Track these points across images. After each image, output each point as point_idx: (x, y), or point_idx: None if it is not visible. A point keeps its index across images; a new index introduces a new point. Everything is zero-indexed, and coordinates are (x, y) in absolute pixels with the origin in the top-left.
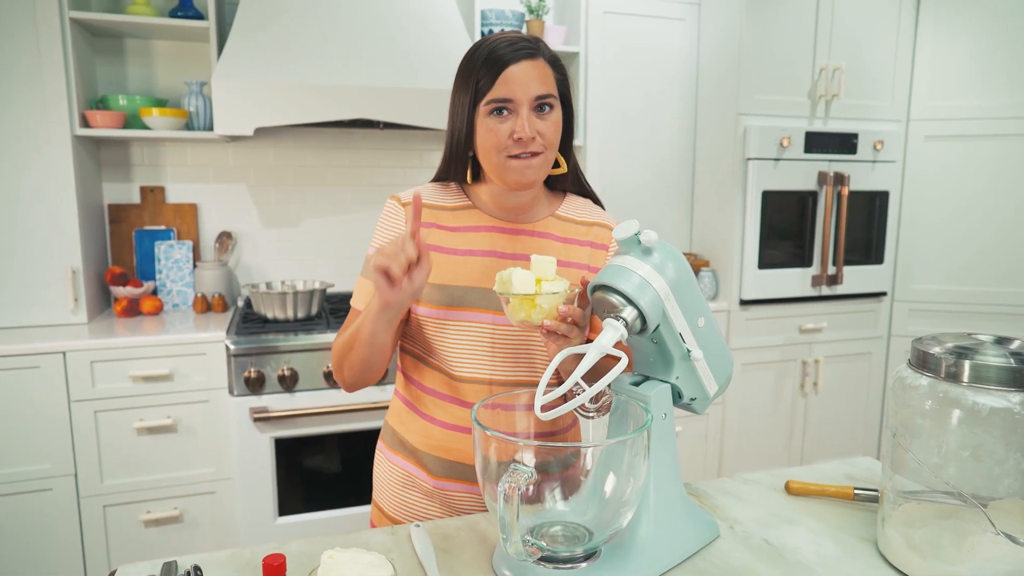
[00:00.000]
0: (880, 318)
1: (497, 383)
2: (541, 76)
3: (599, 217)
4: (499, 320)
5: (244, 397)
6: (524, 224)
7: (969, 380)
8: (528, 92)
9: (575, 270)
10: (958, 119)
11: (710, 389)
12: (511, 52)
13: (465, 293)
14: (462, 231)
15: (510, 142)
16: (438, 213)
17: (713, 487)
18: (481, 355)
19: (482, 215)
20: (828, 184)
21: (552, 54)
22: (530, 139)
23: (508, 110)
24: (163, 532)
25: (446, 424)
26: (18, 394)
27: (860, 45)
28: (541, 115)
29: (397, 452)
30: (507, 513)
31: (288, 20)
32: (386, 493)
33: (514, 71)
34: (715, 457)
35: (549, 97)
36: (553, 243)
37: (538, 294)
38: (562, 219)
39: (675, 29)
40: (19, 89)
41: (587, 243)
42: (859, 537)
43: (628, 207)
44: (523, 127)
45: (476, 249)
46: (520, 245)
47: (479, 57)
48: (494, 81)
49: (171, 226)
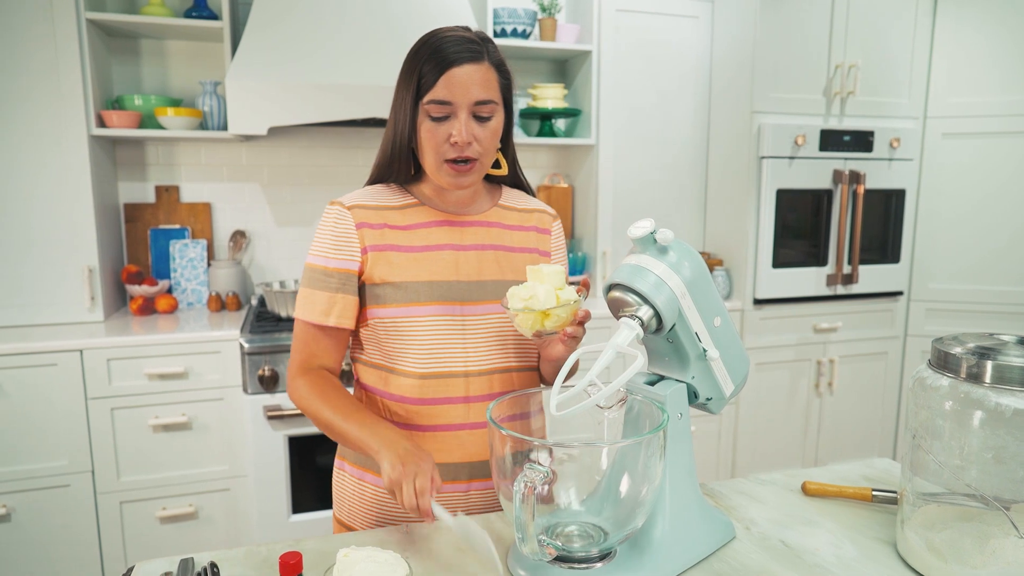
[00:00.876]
0: (896, 318)
1: (473, 374)
2: (484, 80)
3: (537, 204)
4: (467, 311)
5: (258, 395)
6: (472, 215)
7: (991, 381)
8: (468, 96)
9: (526, 255)
10: (976, 116)
11: (726, 389)
12: (456, 53)
13: (430, 288)
14: (414, 228)
15: (447, 145)
16: (387, 213)
17: (729, 487)
18: (453, 348)
19: (430, 210)
20: (844, 182)
21: (498, 58)
22: (466, 144)
23: (447, 114)
24: (178, 529)
25: (421, 427)
26: (36, 391)
27: (876, 41)
28: (480, 122)
29: (366, 468)
30: (523, 513)
31: (301, 19)
32: (357, 511)
33: (456, 73)
34: (728, 457)
35: (490, 104)
36: (502, 231)
37: (560, 305)
38: (505, 208)
39: (688, 26)
40: (36, 89)
41: (531, 228)
42: (877, 539)
43: (640, 205)
44: (460, 132)
45: (433, 244)
46: (473, 236)
47: (423, 53)
48: (436, 80)
49: (186, 225)
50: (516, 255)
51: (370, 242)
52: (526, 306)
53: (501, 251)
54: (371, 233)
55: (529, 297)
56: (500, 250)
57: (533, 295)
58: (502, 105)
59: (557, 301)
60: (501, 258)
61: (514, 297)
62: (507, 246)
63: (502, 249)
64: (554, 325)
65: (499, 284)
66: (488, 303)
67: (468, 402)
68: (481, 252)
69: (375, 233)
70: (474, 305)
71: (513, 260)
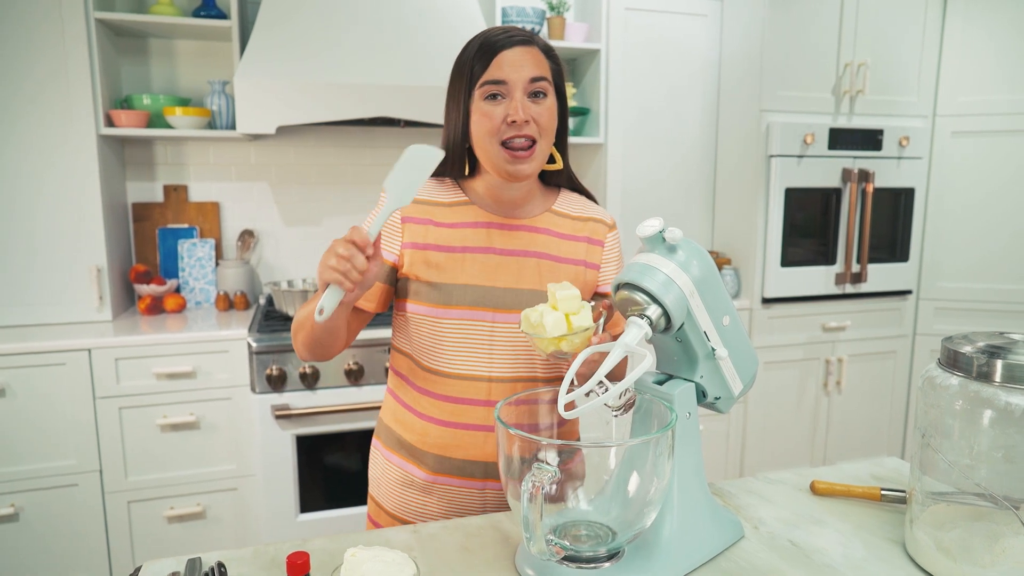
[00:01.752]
0: (905, 316)
1: (496, 380)
2: (535, 61)
3: (594, 212)
4: (498, 318)
5: (266, 394)
6: (521, 219)
7: (1002, 380)
8: (522, 74)
9: (571, 266)
10: (986, 114)
11: (735, 388)
12: (505, 38)
13: (464, 291)
14: (458, 227)
15: (504, 126)
16: (433, 209)
17: (737, 487)
18: (479, 353)
19: (478, 211)
20: (852, 181)
21: (547, 44)
22: (524, 122)
23: (502, 94)
24: (186, 528)
25: (443, 422)
26: (44, 391)
27: (886, 40)
28: (536, 100)
29: (393, 450)
30: (531, 512)
31: (309, 19)
32: (384, 490)
33: (507, 55)
34: (737, 456)
35: (543, 81)
36: (550, 238)
37: (570, 333)
38: (558, 214)
39: (697, 25)
40: (45, 89)
41: (583, 239)
42: (886, 538)
43: (649, 204)
44: (516, 109)
45: (473, 246)
46: (517, 241)
47: (472, 47)
48: (487, 65)
49: (194, 224)
50: (560, 265)
51: (411, 239)
52: (532, 332)
53: (545, 260)
54: (415, 229)
55: (537, 324)
56: (544, 258)
57: (541, 323)
58: (554, 90)
59: (569, 328)
60: (544, 267)
61: (525, 321)
62: (552, 255)
63: (546, 258)
64: (570, 348)
65: (535, 294)
66: (519, 312)
67: (488, 405)
68: (523, 259)
69: (419, 229)
70: (506, 313)
71: (556, 270)
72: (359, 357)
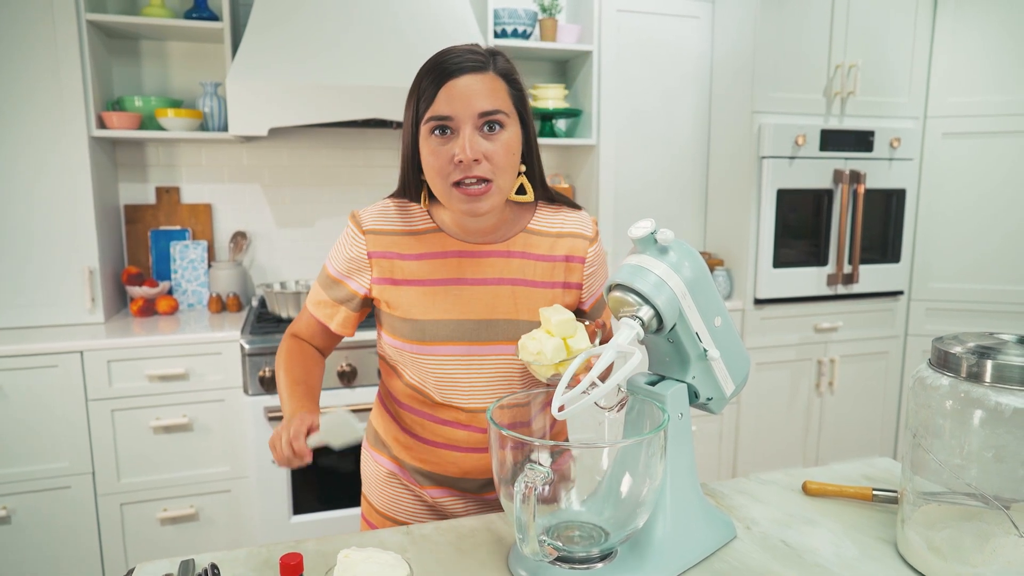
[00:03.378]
0: (897, 317)
1: (475, 410)
2: (489, 90)
3: (573, 226)
4: (474, 351)
5: (259, 396)
6: (493, 244)
7: (991, 380)
8: (471, 108)
9: (548, 290)
10: (976, 116)
11: (727, 389)
12: (455, 64)
13: (437, 327)
14: (426, 258)
15: (451, 166)
16: (399, 239)
17: (729, 487)
18: (459, 385)
19: (446, 239)
20: (844, 182)
21: (507, 68)
22: (472, 162)
23: (450, 128)
24: (179, 530)
25: (425, 440)
26: (36, 393)
27: (876, 41)
28: (489, 135)
29: (381, 452)
30: (524, 513)
31: (302, 20)
32: (375, 490)
33: (456, 86)
34: (729, 457)
35: (498, 114)
36: (525, 262)
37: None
38: (534, 233)
39: (689, 27)
40: (36, 91)
41: (561, 258)
42: (878, 538)
43: (641, 205)
44: (463, 147)
45: (442, 278)
46: (489, 268)
47: (424, 68)
48: (434, 96)
49: (186, 226)
50: (537, 291)
51: (380, 274)
52: (531, 360)
53: (520, 286)
54: (382, 264)
55: (537, 353)
56: (519, 285)
57: (541, 351)
58: (516, 118)
59: (568, 352)
60: (519, 294)
61: (524, 350)
62: (528, 280)
63: (521, 284)
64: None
65: (511, 324)
66: (498, 343)
67: (470, 430)
68: (496, 287)
69: (386, 264)
70: (482, 345)
71: (532, 296)
72: (352, 359)
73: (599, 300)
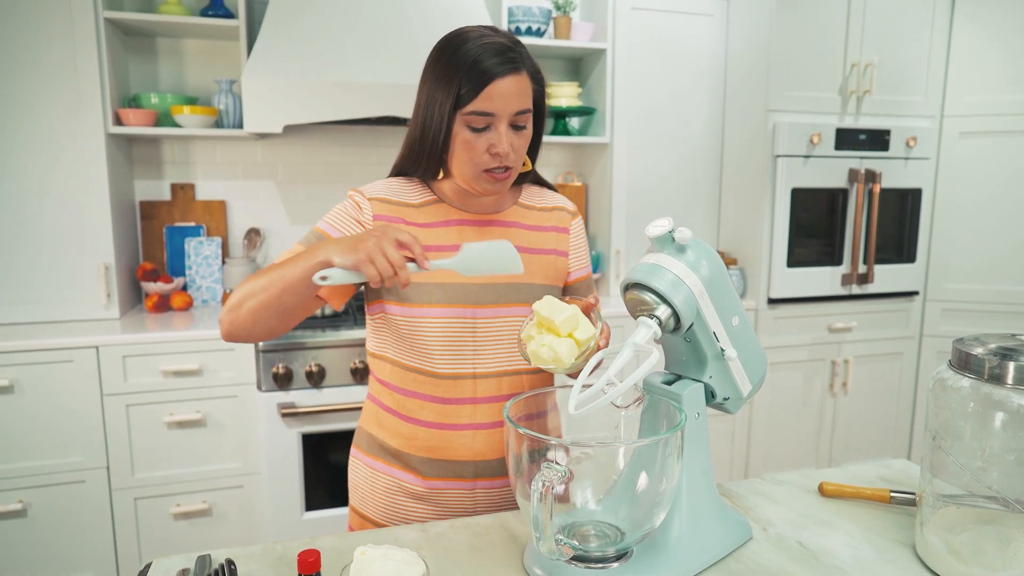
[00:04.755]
0: (912, 318)
1: (481, 376)
2: (523, 91)
3: (557, 201)
4: (479, 313)
5: (272, 393)
6: (492, 215)
7: (1014, 382)
8: (509, 108)
9: (544, 256)
10: (994, 115)
11: (743, 389)
12: (497, 65)
13: (442, 289)
14: (431, 227)
15: (487, 156)
16: (404, 209)
17: (745, 488)
18: (463, 349)
19: (449, 208)
20: (859, 181)
21: (533, 65)
22: (506, 154)
23: (490, 125)
24: (192, 525)
25: (431, 424)
26: (52, 388)
27: (893, 40)
28: (517, 131)
29: (378, 458)
30: (541, 511)
31: (316, 18)
32: (369, 500)
33: (500, 86)
34: (742, 457)
35: (528, 113)
36: (521, 231)
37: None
38: (525, 207)
39: (703, 24)
40: (54, 88)
41: (551, 228)
42: (896, 541)
43: (654, 203)
44: (502, 143)
45: (447, 244)
46: (490, 236)
47: (463, 62)
48: (478, 93)
49: (201, 223)
50: (534, 256)
51: None
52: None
53: (520, 252)
54: None
55: (553, 359)
56: (519, 251)
57: (556, 356)
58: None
59: (579, 347)
60: None
61: (537, 357)
62: (525, 247)
63: (520, 251)
64: (584, 360)
65: (511, 287)
66: (500, 306)
67: (475, 403)
68: None
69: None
70: (486, 308)
71: (530, 262)
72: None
73: (586, 279)
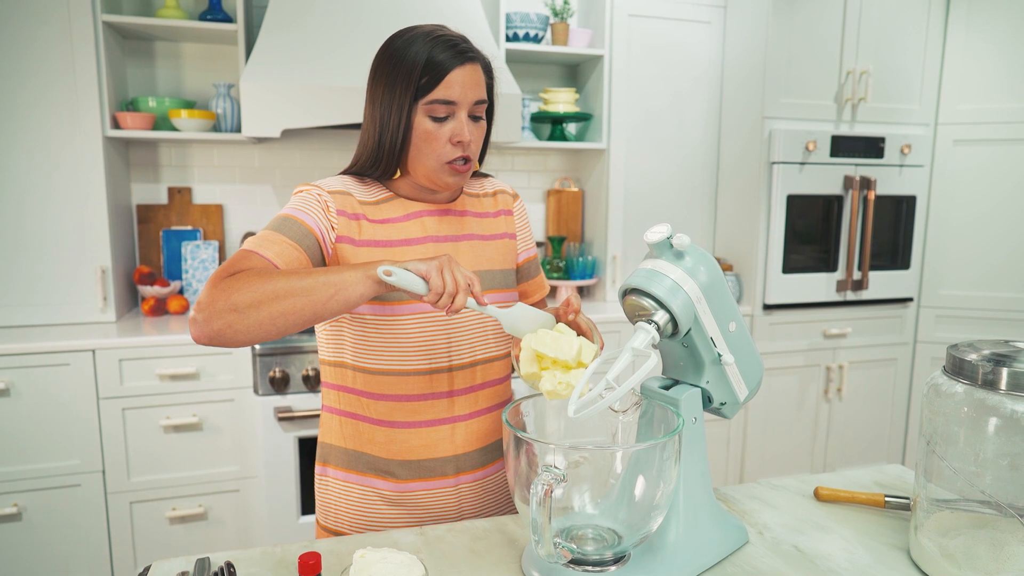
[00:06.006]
0: (906, 324)
1: (457, 367)
2: (479, 81)
3: (498, 186)
4: None
5: (269, 396)
6: (445, 204)
7: (1007, 388)
8: (469, 96)
9: (498, 241)
10: (988, 123)
11: (740, 394)
12: (456, 55)
13: None
14: (392, 222)
15: (449, 147)
16: (364, 207)
17: (741, 492)
18: (438, 343)
19: (405, 202)
20: (854, 188)
21: (487, 60)
22: (469, 142)
23: (449, 114)
24: (188, 529)
25: (407, 424)
26: (48, 391)
27: (888, 48)
28: (475, 122)
29: (351, 470)
30: (539, 515)
31: (315, 22)
32: (343, 515)
33: (459, 74)
34: (737, 462)
35: (484, 104)
36: (474, 219)
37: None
38: (471, 195)
39: (700, 32)
40: (52, 90)
41: (499, 212)
42: (891, 545)
43: (651, 209)
44: (463, 131)
45: (412, 237)
46: (449, 226)
47: (420, 54)
48: (439, 82)
49: (198, 226)
50: (490, 242)
51: (346, 233)
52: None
53: (476, 240)
54: (348, 224)
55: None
56: (475, 239)
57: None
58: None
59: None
60: (476, 247)
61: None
62: (480, 235)
63: (476, 238)
64: None
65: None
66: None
67: (452, 396)
68: (456, 243)
69: (352, 225)
70: None
71: (487, 249)
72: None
73: (533, 260)
